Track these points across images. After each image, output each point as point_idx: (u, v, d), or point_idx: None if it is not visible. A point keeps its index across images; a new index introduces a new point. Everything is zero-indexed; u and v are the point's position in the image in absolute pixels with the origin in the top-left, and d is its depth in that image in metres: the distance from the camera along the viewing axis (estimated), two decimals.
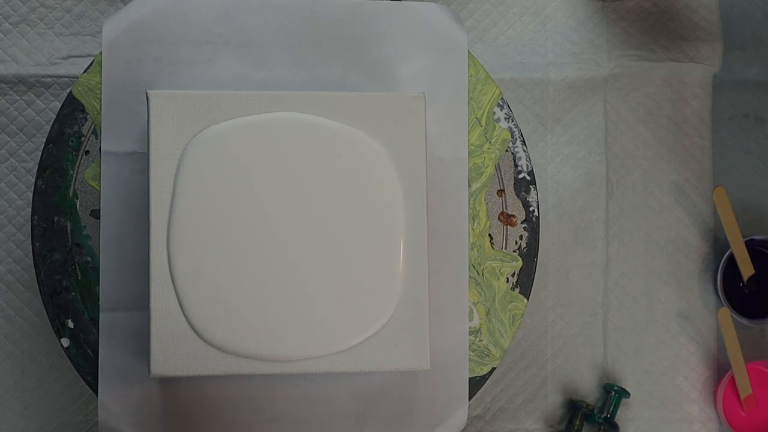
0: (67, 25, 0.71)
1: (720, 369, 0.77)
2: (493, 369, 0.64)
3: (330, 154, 0.56)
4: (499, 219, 0.65)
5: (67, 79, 0.71)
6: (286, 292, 0.55)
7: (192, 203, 0.55)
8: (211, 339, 0.55)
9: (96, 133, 0.62)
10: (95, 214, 0.62)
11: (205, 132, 0.55)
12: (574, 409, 0.73)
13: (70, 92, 0.62)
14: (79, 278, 0.62)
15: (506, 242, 0.65)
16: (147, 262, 0.55)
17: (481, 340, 0.64)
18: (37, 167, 0.62)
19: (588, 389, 0.75)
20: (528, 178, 0.65)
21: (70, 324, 0.61)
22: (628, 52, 0.76)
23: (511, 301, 0.64)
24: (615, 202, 0.76)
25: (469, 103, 0.64)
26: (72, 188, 0.62)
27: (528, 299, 0.64)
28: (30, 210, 0.62)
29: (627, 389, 0.74)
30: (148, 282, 0.55)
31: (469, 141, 0.64)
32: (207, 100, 0.56)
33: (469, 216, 0.64)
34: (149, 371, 0.54)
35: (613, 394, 0.73)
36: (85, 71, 0.62)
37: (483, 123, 0.64)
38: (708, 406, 0.76)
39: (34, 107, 0.71)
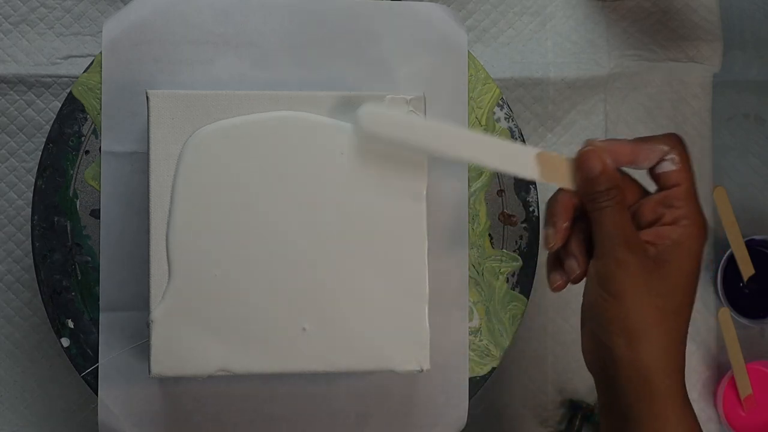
0: (67, 25, 0.71)
1: (720, 369, 0.77)
2: (493, 369, 0.64)
3: (332, 153, 0.56)
4: (499, 219, 0.65)
5: (67, 79, 0.71)
6: (286, 291, 0.55)
7: (192, 202, 0.55)
8: (211, 339, 0.55)
9: (96, 133, 0.62)
10: (95, 214, 0.62)
11: (204, 130, 0.55)
12: (574, 409, 0.73)
13: (70, 92, 0.62)
14: (79, 278, 0.62)
15: (506, 242, 0.65)
16: (147, 261, 0.55)
17: (481, 340, 0.64)
18: (37, 167, 0.62)
19: (588, 389, 0.75)
20: None
21: (70, 324, 0.61)
22: (628, 52, 0.76)
23: (511, 301, 0.64)
24: None
25: (469, 103, 0.64)
26: (72, 188, 0.62)
27: (528, 299, 0.64)
28: (30, 210, 0.62)
29: None
30: (148, 282, 0.55)
31: None
32: (207, 100, 0.56)
33: (469, 216, 0.64)
34: (149, 371, 0.54)
35: None
36: (85, 71, 0.62)
37: (483, 123, 0.64)
38: (708, 406, 0.76)
39: (34, 107, 0.71)
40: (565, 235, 0.53)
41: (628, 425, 0.50)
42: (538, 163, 0.53)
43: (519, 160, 0.53)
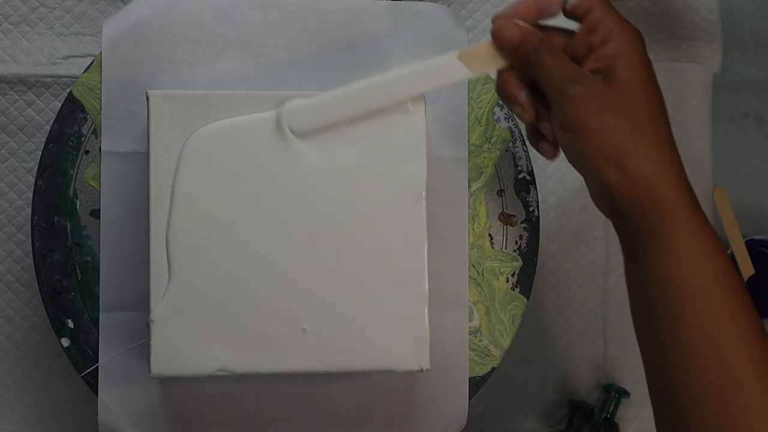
0: (67, 25, 0.71)
1: None
2: (494, 369, 0.64)
3: (331, 153, 0.56)
4: (499, 219, 0.65)
5: (67, 79, 0.71)
6: (286, 291, 0.55)
7: (192, 202, 0.55)
8: (211, 339, 0.55)
9: (96, 133, 0.62)
10: (95, 214, 0.62)
11: (204, 130, 0.55)
12: (574, 409, 0.73)
13: (70, 92, 0.62)
14: (79, 278, 0.62)
15: (506, 242, 0.65)
16: (147, 261, 0.55)
17: (481, 340, 0.64)
18: (37, 167, 0.62)
19: (588, 389, 0.75)
20: (528, 178, 0.65)
21: (70, 324, 0.61)
22: None
23: (511, 301, 0.64)
24: None
25: (469, 103, 0.64)
26: (72, 188, 0.62)
27: (528, 299, 0.64)
28: (30, 210, 0.62)
29: (627, 389, 0.74)
30: (148, 282, 0.55)
31: (469, 141, 0.64)
32: (207, 100, 0.56)
33: (469, 216, 0.64)
34: (149, 371, 0.54)
35: (613, 394, 0.73)
36: (85, 71, 0.62)
37: (483, 123, 0.64)
38: None
39: (34, 107, 0.71)
40: (530, 104, 0.52)
41: (642, 251, 0.49)
42: (463, 62, 0.54)
43: (446, 70, 0.54)
